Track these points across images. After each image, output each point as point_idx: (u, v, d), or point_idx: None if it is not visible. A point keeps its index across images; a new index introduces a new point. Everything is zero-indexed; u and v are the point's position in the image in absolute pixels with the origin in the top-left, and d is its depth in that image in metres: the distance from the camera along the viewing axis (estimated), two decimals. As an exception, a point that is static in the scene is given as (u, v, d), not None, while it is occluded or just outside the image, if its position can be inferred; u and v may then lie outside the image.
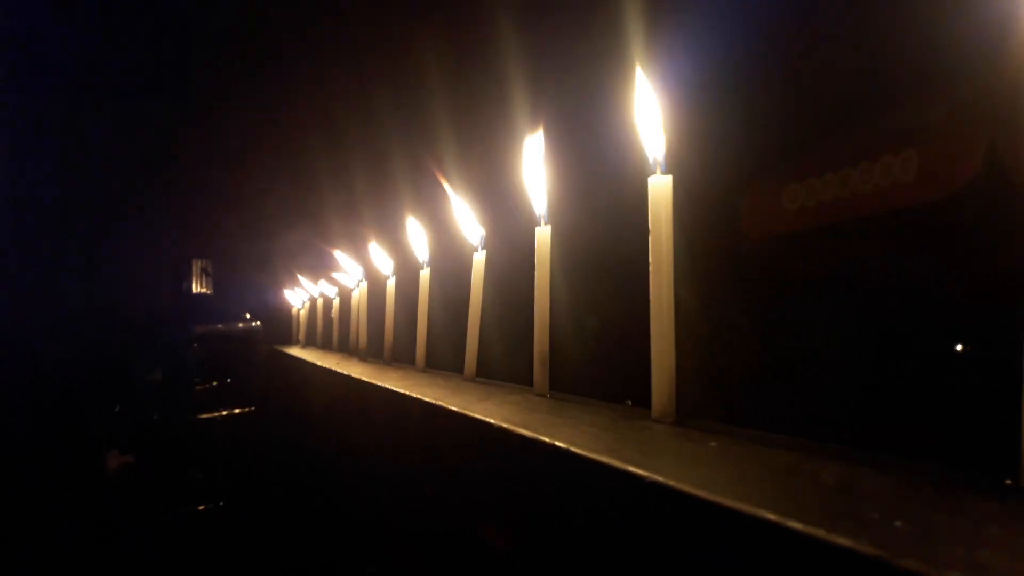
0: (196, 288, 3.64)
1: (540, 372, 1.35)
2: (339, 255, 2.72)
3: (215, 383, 3.48)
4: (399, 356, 2.24)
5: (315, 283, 3.35)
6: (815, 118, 3.98)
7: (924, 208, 3.43)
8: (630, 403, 1.18)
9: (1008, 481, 0.59)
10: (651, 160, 1.03)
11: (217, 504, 3.43)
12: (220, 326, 3.50)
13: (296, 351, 3.28)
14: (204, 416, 3.43)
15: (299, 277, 3.52)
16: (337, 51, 3.42)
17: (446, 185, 1.73)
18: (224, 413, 3.47)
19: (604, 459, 0.76)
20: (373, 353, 2.50)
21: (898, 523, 0.51)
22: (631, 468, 0.71)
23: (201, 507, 3.42)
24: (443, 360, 2.01)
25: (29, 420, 3.55)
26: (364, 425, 1.90)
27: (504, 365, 1.76)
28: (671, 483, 0.64)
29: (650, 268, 1.03)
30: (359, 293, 2.60)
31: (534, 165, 1.36)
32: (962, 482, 0.62)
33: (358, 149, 3.38)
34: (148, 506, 3.35)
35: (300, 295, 3.63)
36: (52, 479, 3.41)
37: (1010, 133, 2.99)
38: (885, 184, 3.68)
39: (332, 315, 3.08)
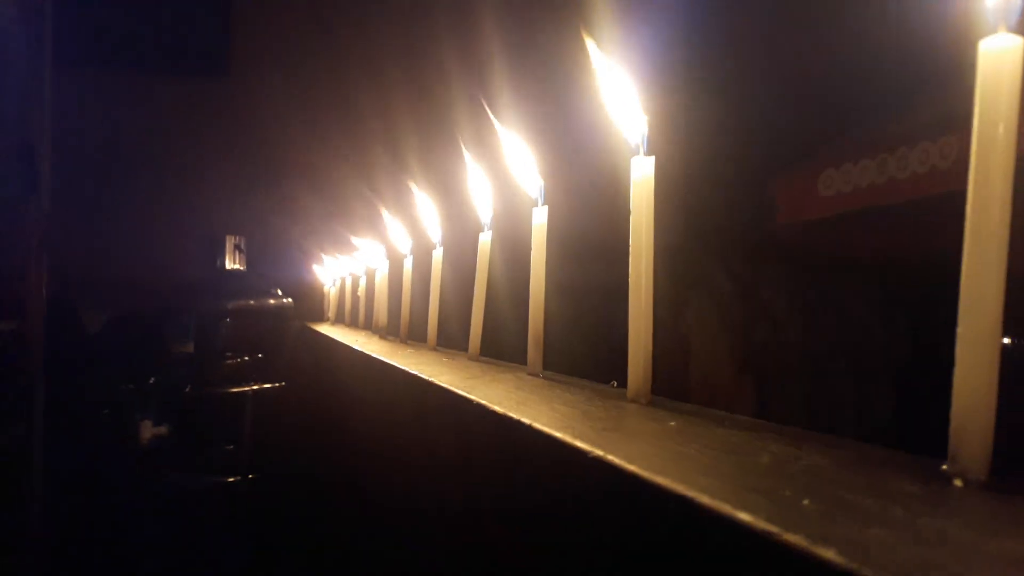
0: (230, 264, 3.70)
1: (534, 352, 1.34)
2: (357, 238, 2.74)
3: (246, 358, 3.53)
4: (421, 335, 2.25)
5: (343, 262, 3.39)
6: (850, 105, 3.88)
7: (962, 194, 3.32)
8: (615, 384, 1.17)
9: (944, 467, 0.57)
10: (632, 141, 1.02)
11: (246, 476, 3.49)
12: (252, 302, 3.55)
13: (324, 328, 3.32)
14: (235, 390, 3.48)
15: (329, 256, 3.56)
16: (373, 28, 3.45)
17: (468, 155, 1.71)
18: (255, 387, 3.52)
19: (550, 431, 0.76)
20: (395, 331, 2.51)
21: (806, 501, 0.50)
22: (568, 438, 0.70)
23: (231, 479, 3.49)
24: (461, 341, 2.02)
25: (72, 388, 3.65)
26: (371, 398, 1.92)
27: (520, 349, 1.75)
28: (598, 452, 0.64)
29: (630, 250, 1.02)
30: (382, 273, 2.62)
31: (525, 146, 1.35)
32: (906, 466, 0.61)
33: (382, 128, 3.42)
34: (179, 476, 3.43)
35: (330, 273, 3.67)
36: (87, 448, 3.50)
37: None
38: (923, 171, 3.58)
39: (359, 294, 3.10)
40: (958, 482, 0.55)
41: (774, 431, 0.78)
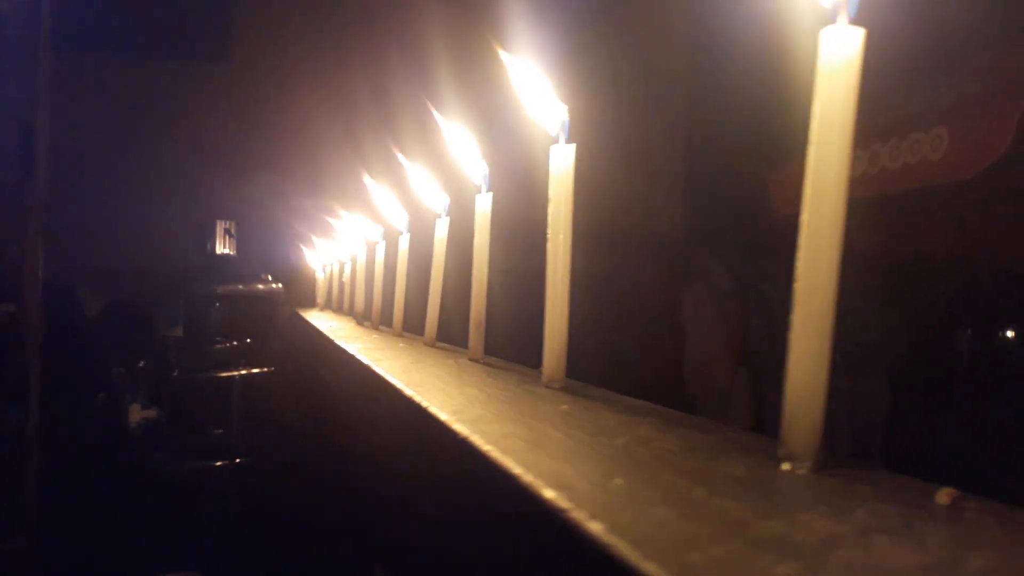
0: (219, 248, 3.72)
1: (475, 337, 1.35)
2: (341, 222, 2.75)
3: (235, 343, 3.56)
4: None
5: (332, 247, 3.40)
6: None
7: (952, 185, 3.29)
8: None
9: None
10: (552, 130, 1.02)
11: (234, 461, 3.52)
12: (241, 287, 3.57)
13: (310, 314, 3.34)
14: (224, 375, 3.51)
15: (319, 241, 3.58)
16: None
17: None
18: (243, 372, 3.55)
19: (434, 411, 0.77)
20: (377, 316, 2.52)
21: (618, 480, 0.51)
22: (444, 418, 0.72)
23: (219, 463, 3.52)
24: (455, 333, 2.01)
25: (68, 371, 3.68)
26: (340, 383, 1.94)
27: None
28: (461, 431, 0.65)
29: (548, 235, 1.02)
30: (360, 259, 2.63)
31: (466, 132, 1.36)
32: (759, 451, 0.61)
33: (373, 111, 3.43)
34: (168, 460, 3.46)
35: (320, 259, 3.69)
36: (81, 431, 3.54)
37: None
38: (914, 161, 3.56)
39: (344, 280, 3.12)
40: (786, 466, 0.55)
41: (661, 417, 0.79)
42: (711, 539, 0.40)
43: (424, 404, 0.84)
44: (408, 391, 0.95)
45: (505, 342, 1.51)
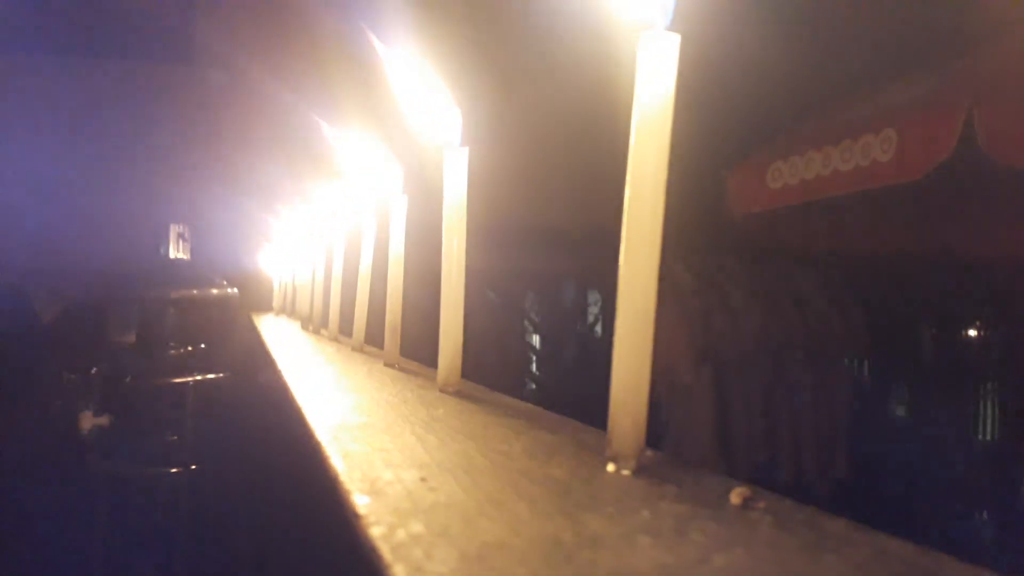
0: (173, 253, 3.69)
1: (390, 341, 1.35)
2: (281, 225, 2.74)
3: (189, 348, 3.53)
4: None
5: (286, 252, 3.38)
6: (798, 99, 3.89)
7: (902, 186, 3.32)
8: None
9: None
10: (443, 133, 1.02)
11: (189, 467, 3.49)
12: (195, 291, 3.54)
13: (262, 318, 3.32)
14: (177, 380, 3.48)
15: (273, 244, 3.56)
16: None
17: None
18: (198, 378, 3.52)
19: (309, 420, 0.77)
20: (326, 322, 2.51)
21: (434, 482, 0.51)
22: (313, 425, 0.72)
23: (174, 470, 3.48)
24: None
25: (21, 376, 3.63)
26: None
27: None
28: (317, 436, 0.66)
29: (443, 239, 1.02)
30: (308, 267, 2.62)
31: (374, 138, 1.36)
32: (599, 452, 0.61)
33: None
34: (121, 467, 3.42)
35: (276, 262, 3.67)
36: (26, 438, 3.49)
37: (986, 111, 2.89)
38: (865, 163, 3.59)
39: (295, 287, 3.10)
40: (611, 467, 0.55)
41: (529, 420, 0.79)
42: (482, 534, 0.40)
43: (305, 414, 0.84)
44: (298, 400, 0.95)
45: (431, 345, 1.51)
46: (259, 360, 2.21)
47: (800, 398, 4.36)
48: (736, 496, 0.47)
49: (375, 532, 0.42)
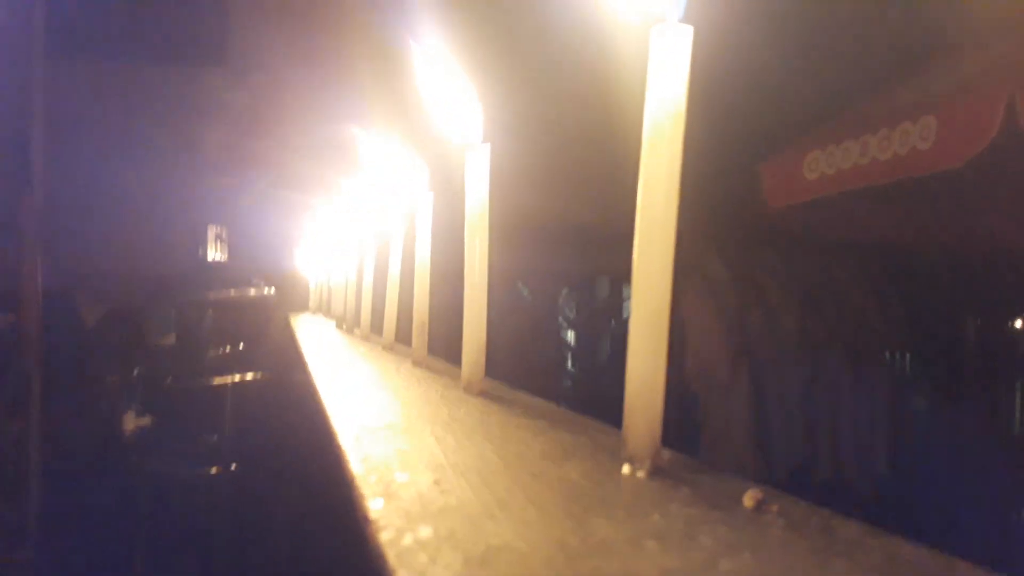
0: (212, 254, 3.73)
1: (418, 340, 1.35)
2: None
3: (228, 348, 3.57)
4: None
5: (324, 252, 3.41)
6: (834, 88, 3.83)
7: (943, 174, 3.26)
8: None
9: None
10: (463, 133, 1.02)
11: (229, 467, 3.54)
12: (233, 292, 3.59)
13: (303, 318, 3.35)
14: (217, 381, 3.53)
15: (308, 245, 3.59)
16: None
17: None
18: (236, 378, 3.56)
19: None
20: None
21: (447, 485, 0.51)
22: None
23: (214, 469, 3.53)
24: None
25: (68, 380, 3.70)
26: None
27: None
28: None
29: (465, 237, 1.02)
30: (341, 268, 2.63)
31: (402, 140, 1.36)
32: (611, 454, 0.61)
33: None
34: (163, 466, 3.48)
35: (312, 263, 3.70)
36: (75, 441, 3.56)
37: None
38: (903, 151, 3.53)
39: (330, 286, 3.12)
40: (626, 468, 0.55)
41: (550, 421, 0.79)
42: (488, 538, 0.40)
43: (329, 417, 0.85)
44: (325, 403, 0.95)
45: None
46: (294, 361, 2.23)
47: (839, 395, 4.30)
48: (749, 499, 0.46)
49: (384, 537, 0.42)
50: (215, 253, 3.71)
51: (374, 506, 0.48)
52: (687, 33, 0.55)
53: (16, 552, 3.45)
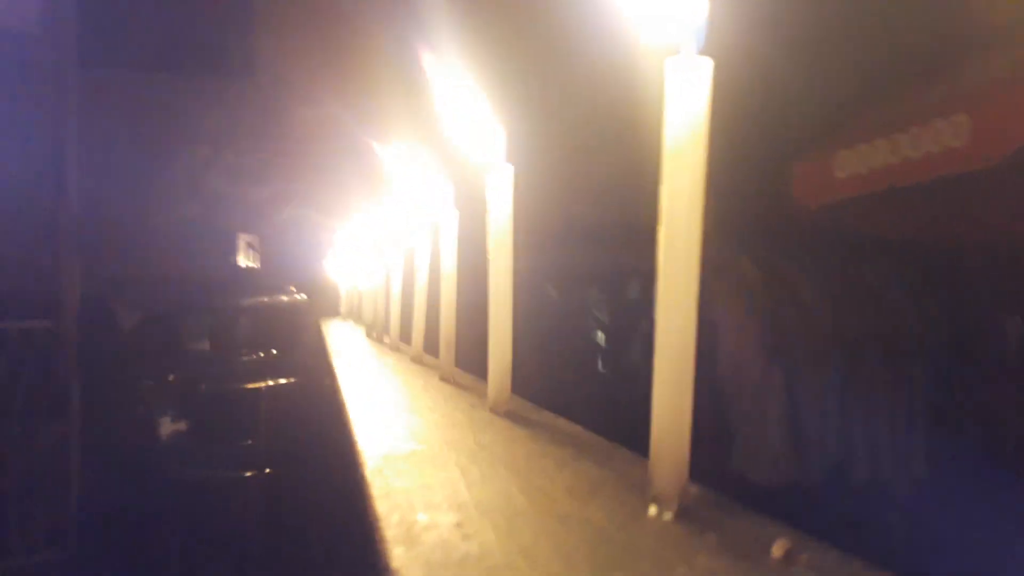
0: (243, 261, 3.77)
1: (445, 355, 1.35)
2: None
3: (261, 354, 3.60)
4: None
5: (354, 260, 3.42)
6: (862, 85, 3.78)
7: (979, 172, 3.21)
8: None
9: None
10: (486, 153, 1.01)
11: (263, 471, 3.56)
12: (265, 299, 3.61)
13: (333, 324, 3.36)
14: (250, 386, 3.55)
15: (338, 253, 3.60)
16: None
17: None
18: (269, 383, 3.59)
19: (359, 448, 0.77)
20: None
21: (500, 520, 0.50)
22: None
23: (248, 473, 3.56)
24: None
25: (105, 385, 3.75)
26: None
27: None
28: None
29: (489, 259, 1.01)
30: (371, 276, 2.64)
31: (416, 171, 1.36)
32: (635, 491, 0.60)
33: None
34: (197, 471, 3.51)
35: (342, 270, 3.72)
36: (112, 441, 3.61)
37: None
38: (936, 149, 3.49)
39: (360, 294, 3.14)
40: (652, 510, 0.54)
41: (577, 448, 0.78)
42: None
43: (356, 440, 0.84)
44: (352, 423, 0.95)
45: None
46: (325, 370, 2.24)
47: (874, 394, 4.24)
48: (778, 548, 0.45)
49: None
50: (247, 261, 3.74)
51: (396, 553, 0.48)
52: (707, 66, 0.54)
53: (56, 552, 3.51)
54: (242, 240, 3.70)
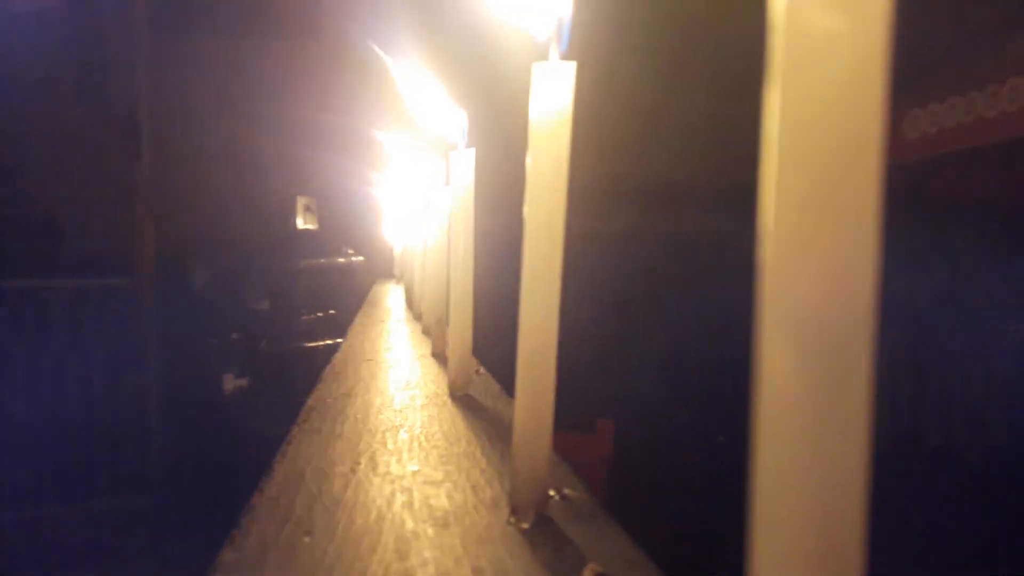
0: (302, 224, 3.85)
1: (436, 332, 1.37)
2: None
3: (319, 314, 3.69)
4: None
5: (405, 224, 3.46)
6: (935, 41, 3.60)
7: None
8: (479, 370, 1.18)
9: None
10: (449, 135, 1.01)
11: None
12: (323, 260, 3.70)
13: (387, 286, 3.42)
14: (309, 344, 3.66)
15: (389, 215, 3.65)
16: None
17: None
18: (328, 342, 3.68)
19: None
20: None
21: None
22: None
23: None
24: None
25: (179, 340, 3.92)
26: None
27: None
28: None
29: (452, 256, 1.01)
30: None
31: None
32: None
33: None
34: (259, 424, 3.65)
35: (396, 234, 3.76)
36: (181, 396, 3.78)
37: None
38: (1013, 108, 3.31)
39: (407, 255, 3.17)
40: (512, 518, 0.54)
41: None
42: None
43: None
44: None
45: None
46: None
47: (951, 360, 4.10)
48: (588, 572, 0.45)
49: None
50: (305, 223, 3.83)
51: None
52: (570, 69, 0.53)
53: (137, 498, 3.71)
54: (300, 202, 3.78)
